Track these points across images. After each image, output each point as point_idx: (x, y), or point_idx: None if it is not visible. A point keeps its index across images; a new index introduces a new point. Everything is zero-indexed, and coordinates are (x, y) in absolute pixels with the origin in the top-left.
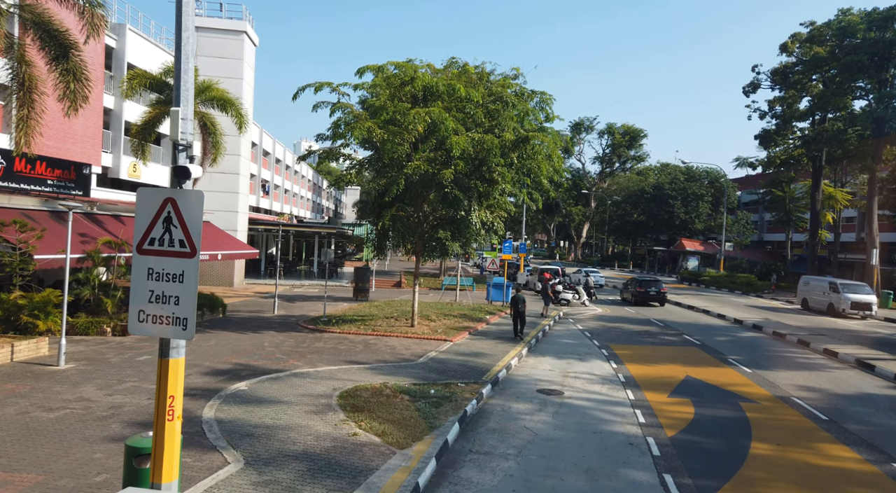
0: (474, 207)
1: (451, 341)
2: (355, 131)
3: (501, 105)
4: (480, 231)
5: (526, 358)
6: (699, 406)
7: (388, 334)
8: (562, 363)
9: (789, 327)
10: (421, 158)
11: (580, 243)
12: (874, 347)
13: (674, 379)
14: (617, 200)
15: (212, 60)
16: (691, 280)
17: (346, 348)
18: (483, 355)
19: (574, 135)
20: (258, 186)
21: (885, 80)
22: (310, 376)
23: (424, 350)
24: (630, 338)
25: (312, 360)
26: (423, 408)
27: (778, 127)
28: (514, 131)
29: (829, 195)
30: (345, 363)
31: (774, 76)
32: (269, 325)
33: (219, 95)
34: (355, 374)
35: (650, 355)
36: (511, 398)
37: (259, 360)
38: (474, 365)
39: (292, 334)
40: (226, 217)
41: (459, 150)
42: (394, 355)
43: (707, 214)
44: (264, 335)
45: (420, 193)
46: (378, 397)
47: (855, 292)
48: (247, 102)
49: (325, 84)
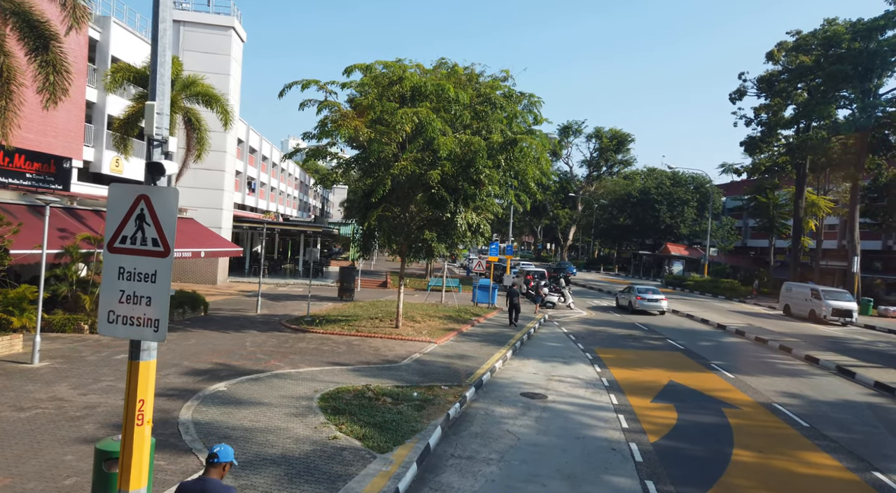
0: (461, 209)
1: (436, 343)
2: (342, 130)
3: (490, 107)
4: (466, 233)
5: (510, 361)
6: (682, 412)
7: (372, 335)
8: (546, 367)
9: (771, 332)
10: (408, 159)
11: (567, 246)
12: (854, 354)
13: (657, 384)
14: (604, 204)
15: (199, 56)
16: (675, 285)
17: (329, 349)
18: (467, 357)
19: (562, 138)
20: (244, 183)
21: (868, 90)
22: (291, 378)
23: (408, 352)
24: (614, 342)
25: (294, 361)
26: (406, 411)
27: (763, 134)
28: (501, 133)
29: (812, 203)
30: (327, 365)
31: (760, 84)
32: (251, 324)
33: (204, 91)
34: (337, 375)
35: (634, 359)
36: (494, 402)
37: (240, 360)
38: (458, 368)
39: (275, 333)
40: (210, 214)
41: (447, 151)
42: (377, 356)
43: (692, 219)
44: (246, 335)
45: (407, 193)
46: (360, 399)
47: (836, 299)
48: (233, 99)
49: (313, 82)
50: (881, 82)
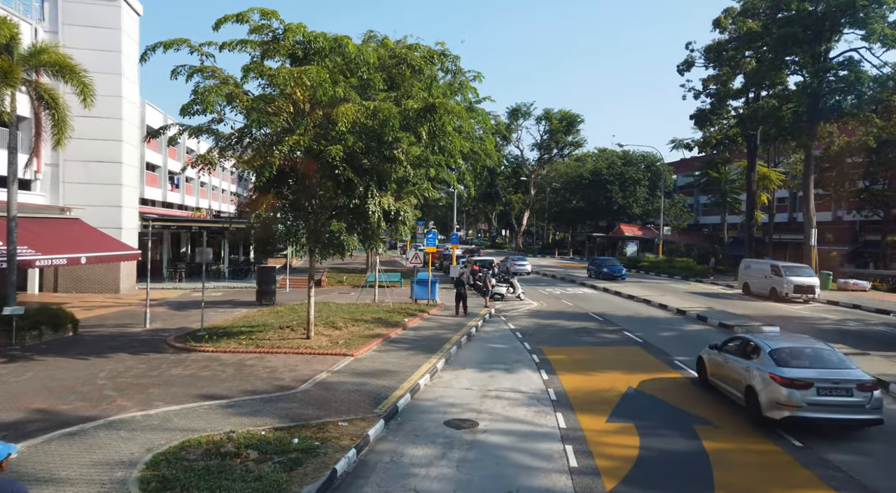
0: (374, 193)
1: (353, 356)
2: (209, 96)
3: (409, 70)
4: (381, 221)
5: (442, 372)
6: (645, 435)
7: (275, 351)
8: (483, 377)
9: (735, 316)
10: (305, 132)
11: (521, 232)
12: (828, 337)
13: (614, 393)
14: (556, 187)
15: (82, 30)
16: (630, 266)
17: (210, 375)
18: (387, 373)
19: (512, 121)
20: (164, 178)
21: (818, 54)
22: (127, 427)
23: (313, 371)
24: (566, 337)
25: (151, 397)
26: (269, 476)
27: (713, 106)
28: (422, 101)
29: (764, 176)
30: (195, 400)
31: (708, 54)
32: (127, 345)
33: (55, 60)
34: (200, 417)
35: (587, 359)
36: (408, 439)
37: (72, 402)
38: (371, 390)
39: (150, 356)
40: (106, 213)
41: (347, 121)
42: (269, 381)
43: (644, 198)
44: (109, 361)
45: (309, 176)
46: (210, 458)
47: (797, 275)
48: (129, 79)
49: (179, 41)
50: (831, 46)
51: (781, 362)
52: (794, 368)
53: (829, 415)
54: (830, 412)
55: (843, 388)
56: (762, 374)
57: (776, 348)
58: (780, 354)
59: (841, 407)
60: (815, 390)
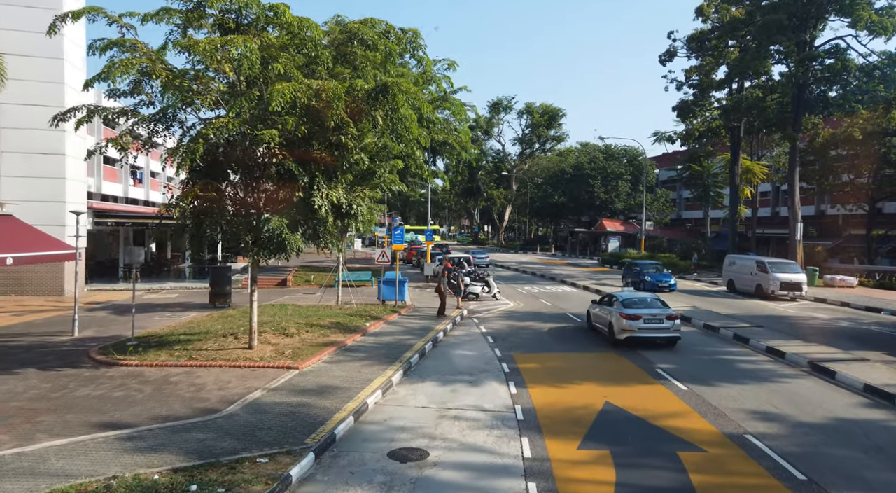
0: (320, 185)
1: (297, 369)
2: (116, 71)
3: (362, 47)
4: (328, 218)
5: (397, 387)
6: (622, 466)
7: (209, 364)
8: (444, 392)
9: (720, 316)
10: (239, 115)
11: (503, 228)
12: (820, 339)
13: (589, 410)
14: (538, 182)
15: (18, 10)
16: (612, 263)
17: (122, 396)
18: (332, 389)
19: (493, 115)
20: (126, 173)
21: (803, 43)
22: None
23: (247, 389)
24: (541, 342)
25: (38, 427)
26: None
27: (696, 97)
28: (375, 79)
29: (747, 169)
30: (91, 430)
31: (691, 43)
32: (41, 358)
33: None
34: (83, 456)
35: (562, 367)
36: (339, 478)
37: None
38: (308, 413)
39: (62, 372)
40: (47, 209)
41: (283, 101)
42: (190, 404)
43: (627, 193)
44: (9, 379)
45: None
46: None
47: (784, 272)
48: (74, 64)
49: (94, 10)
50: (816, 34)
51: (626, 306)
52: (632, 308)
53: (650, 335)
54: (651, 333)
55: (658, 318)
56: (616, 314)
57: (623, 299)
58: (625, 302)
59: (657, 329)
60: (643, 321)
